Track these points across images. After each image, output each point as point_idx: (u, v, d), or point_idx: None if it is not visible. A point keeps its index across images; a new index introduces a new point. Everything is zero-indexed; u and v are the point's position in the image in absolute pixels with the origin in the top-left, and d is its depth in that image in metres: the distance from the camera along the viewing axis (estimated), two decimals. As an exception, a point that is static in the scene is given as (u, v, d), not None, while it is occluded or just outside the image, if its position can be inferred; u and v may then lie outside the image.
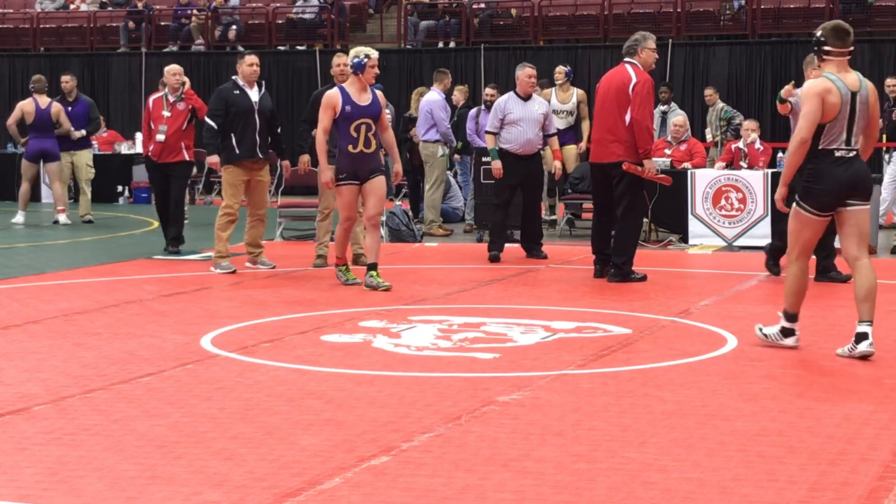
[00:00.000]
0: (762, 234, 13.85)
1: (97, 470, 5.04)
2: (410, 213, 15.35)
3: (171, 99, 13.52)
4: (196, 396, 6.41)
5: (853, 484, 4.86)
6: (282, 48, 24.48)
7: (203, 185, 22.24)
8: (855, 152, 7.54)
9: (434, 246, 14.25)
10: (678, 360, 7.43)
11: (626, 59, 11.28)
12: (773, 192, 13.68)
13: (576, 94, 16.17)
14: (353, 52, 10.78)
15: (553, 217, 16.22)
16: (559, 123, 15.54)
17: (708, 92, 18.46)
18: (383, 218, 14.81)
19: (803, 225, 7.62)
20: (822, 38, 7.54)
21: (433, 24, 24.10)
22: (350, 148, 10.52)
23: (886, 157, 16.21)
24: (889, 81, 16.23)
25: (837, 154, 7.48)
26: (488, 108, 14.71)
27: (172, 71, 13.66)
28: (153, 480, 4.90)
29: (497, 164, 12.63)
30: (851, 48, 7.59)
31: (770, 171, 14.06)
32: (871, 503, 4.64)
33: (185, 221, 14.01)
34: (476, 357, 7.50)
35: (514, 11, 23.68)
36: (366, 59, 10.50)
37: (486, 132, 13.04)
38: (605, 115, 11.16)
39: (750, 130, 14.84)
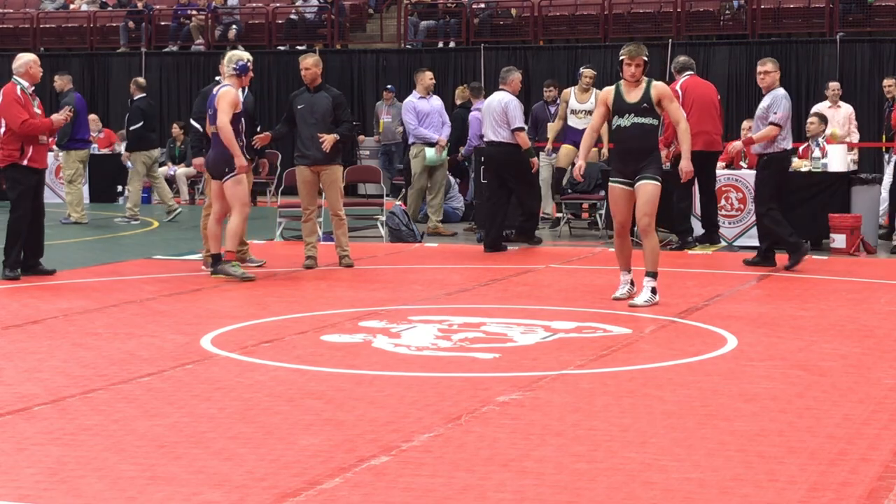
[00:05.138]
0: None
1: (97, 470, 5.04)
2: (409, 214, 15.35)
3: None
4: (196, 396, 6.41)
5: (853, 484, 4.86)
6: (282, 48, 24.46)
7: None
8: None
9: (434, 246, 14.25)
10: (678, 360, 7.43)
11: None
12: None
13: (595, 95, 16.07)
14: (239, 55, 11.19)
15: (557, 216, 16.20)
16: (577, 123, 15.57)
17: None
18: (383, 218, 14.86)
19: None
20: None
21: (433, 24, 24.08)
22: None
23: (886, 156, 16.19)
24: (886, 81, 16.19)
25: None
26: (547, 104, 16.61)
27: None
28: (153, 480, 4.90)
29: None
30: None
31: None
32: (871, 503, 4.64)
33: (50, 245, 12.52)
34: (476, 357, 7.50)
35: (514, 11, 23.65)
36: (249, 63, 11.12)
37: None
38: (711, 114, 13.66)
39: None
